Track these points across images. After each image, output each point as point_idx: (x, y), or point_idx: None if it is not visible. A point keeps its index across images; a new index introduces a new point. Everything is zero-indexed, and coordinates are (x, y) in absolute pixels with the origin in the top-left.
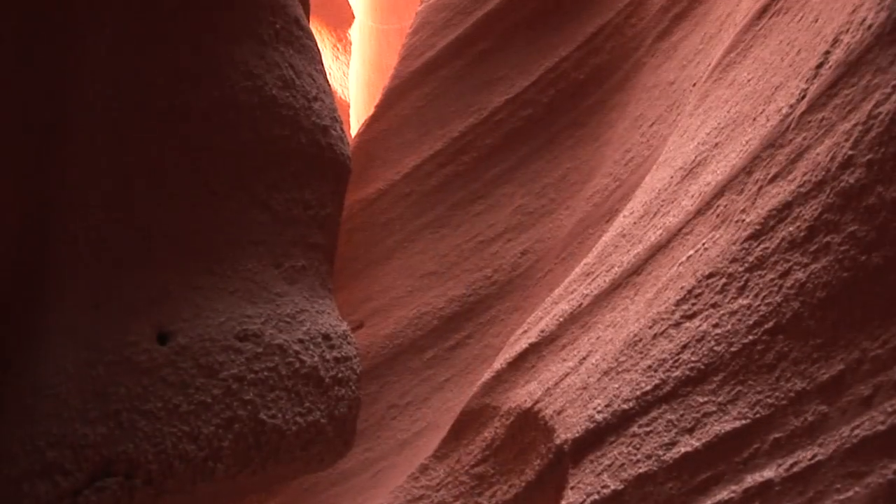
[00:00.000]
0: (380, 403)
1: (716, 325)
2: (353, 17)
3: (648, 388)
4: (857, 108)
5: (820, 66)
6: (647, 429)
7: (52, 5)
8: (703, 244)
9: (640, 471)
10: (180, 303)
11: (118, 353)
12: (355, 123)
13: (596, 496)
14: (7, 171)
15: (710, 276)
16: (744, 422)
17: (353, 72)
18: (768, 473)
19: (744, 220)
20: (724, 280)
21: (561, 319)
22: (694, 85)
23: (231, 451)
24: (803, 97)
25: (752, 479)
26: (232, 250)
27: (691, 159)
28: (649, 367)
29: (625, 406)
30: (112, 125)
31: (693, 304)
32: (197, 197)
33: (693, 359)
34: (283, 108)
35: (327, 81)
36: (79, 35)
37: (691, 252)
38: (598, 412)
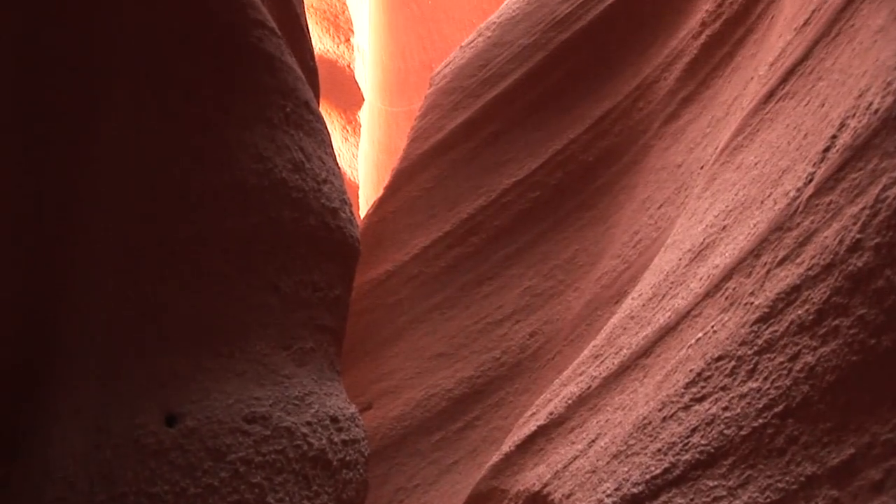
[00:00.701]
0: (388, 486)
1: (725, 409)
2: (363, 100)
3: (658, 471)
4: (864, 192)
5: (827, 149)
6: None
7: (66, 89)
8: (712, 327)
9: None
10: (189, 384)
11: (126, 436)
12: (364, 205)
13: None
14: (18, 251)
15: (720, 358)
16: None
17: (363, 153)
18: None
19: (752, 303)
20: (733, 363)
21: (570, 402)
22: (702, 167)
23: None
24: (811, 181)
25: None
26: (241, 332)
27: (699, 242)
28: (659, 450)
29: (634, 490)
30: (122, 206)
31: (702, 387)
32: (206, 279)
33: (703, 442)
34: (292, 190)
35: (336, 163)
36: (92, 118)
37: (700, 334)
38: (608, 496)
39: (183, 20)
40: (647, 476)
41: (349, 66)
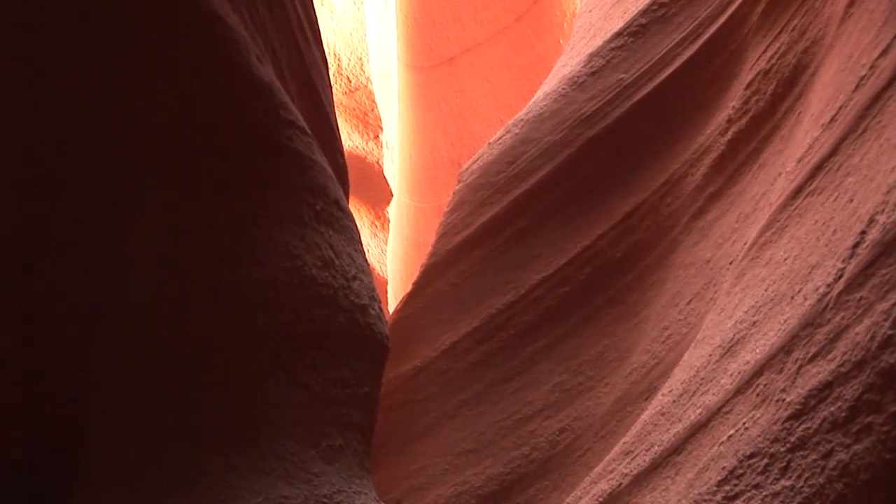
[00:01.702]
0: None
1: None
2: (391, 196)
3: None
4: (894, 288)
5: (856, 245)
6: None
7: (100, 193)
8: (744, 423)
9: None
10: (217, 483)
11: None
12: (393, 300)
13: None
14: (50, 348)
15: (752, 456)
16: None
17: (391, 249)
18: None
19: (784, 400)
20: (766, 460)
21: (600, 500)
22: (731, 263)
23: None
24: (841, 276)
25: None
26: (270, 430)
27: (730, 337)
28: None
29: None
30: (154, 304)
31: (735, 485)
32: (237, 378)
33: None
34: (322, 287)
35: (366, 260)
36: (126, 220)
37: (732, 432)
38: None
39: (215, 120)
40: None
41: (378, 163)
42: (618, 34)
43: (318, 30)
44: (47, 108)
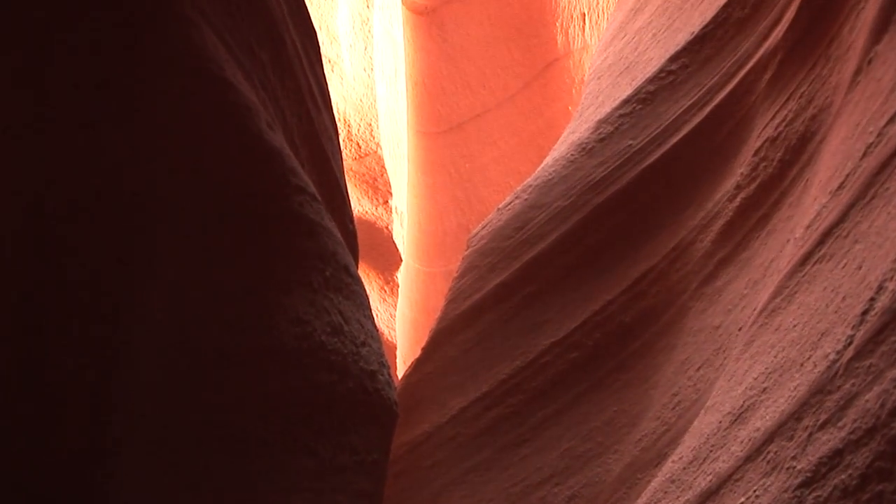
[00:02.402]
0: None
1: None
2: (401, 260)
3: None
4: None
5: (865, 312)
6: None
7: (110, 260)
8: (755, 491)
9: None
10: None
11: None
12: (402, 365)
13: None
14: (51, 420)
15: None
16: None
17: (400, 314)
18: None
19: (795, 468)
20: None
21: None
22: (740, 329)
23: None
24: (850, 343)
25: None
26: (277, 497)
27: (739, 404)
28: None
29: None
30: (162, 370)
31: None
32: (244, 444)
33: None
34: (331, 353)
35: (375, 326)
36: (133, 288)
37: (742, 499)
38: None
39: (226, 186)
40: None
41: (387, 228)
42: (626, 101)
43: (329, 96)
44: (60, 177)
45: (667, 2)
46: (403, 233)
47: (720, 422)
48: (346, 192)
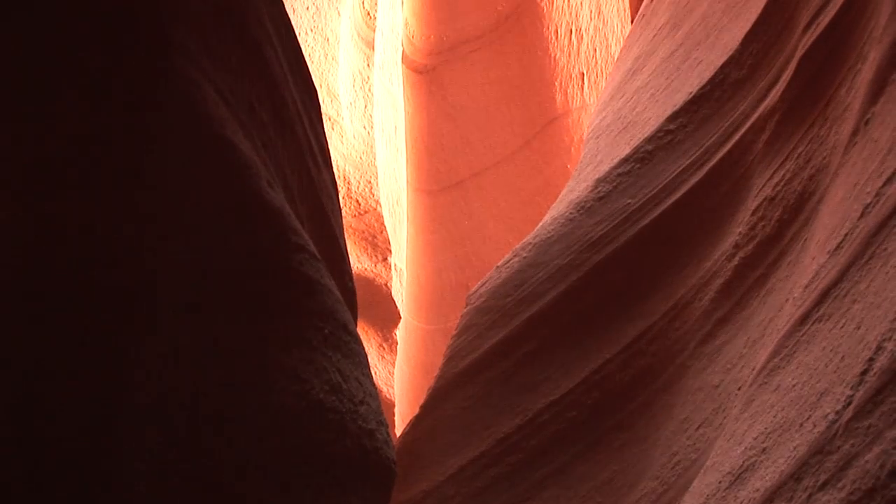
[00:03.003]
0: None
1: None
2: (400, 318)
3: None
4: None
5: (864, 372)
6: None
7: (105, 316)
8: None
9: None
10: None
11: None
12: (400, 422)
13: None
14: (49, 474)
15: None
16: None
17: (399, 371)
18: None
19: None
20: None
21: None
22: (739, 389)
23: None
24: (849, 403)
25: None
26: None
27: (739, 464)
28: None
29: None
30: (160, 430)
31: None
32: None
33: None
34: (329, 412)
35: (373, 384)
36: (134, 345)
37: None
38: None
39: (226, 244)
40: None
41: (386, 285)
42: (624, 160)
43: (329, 154)
44: (58, 235)
45: (665, 62)
46: (402, 290)
47: (720, 482)
48: (346, 250)
